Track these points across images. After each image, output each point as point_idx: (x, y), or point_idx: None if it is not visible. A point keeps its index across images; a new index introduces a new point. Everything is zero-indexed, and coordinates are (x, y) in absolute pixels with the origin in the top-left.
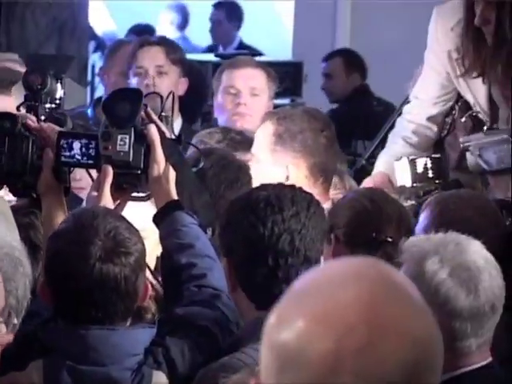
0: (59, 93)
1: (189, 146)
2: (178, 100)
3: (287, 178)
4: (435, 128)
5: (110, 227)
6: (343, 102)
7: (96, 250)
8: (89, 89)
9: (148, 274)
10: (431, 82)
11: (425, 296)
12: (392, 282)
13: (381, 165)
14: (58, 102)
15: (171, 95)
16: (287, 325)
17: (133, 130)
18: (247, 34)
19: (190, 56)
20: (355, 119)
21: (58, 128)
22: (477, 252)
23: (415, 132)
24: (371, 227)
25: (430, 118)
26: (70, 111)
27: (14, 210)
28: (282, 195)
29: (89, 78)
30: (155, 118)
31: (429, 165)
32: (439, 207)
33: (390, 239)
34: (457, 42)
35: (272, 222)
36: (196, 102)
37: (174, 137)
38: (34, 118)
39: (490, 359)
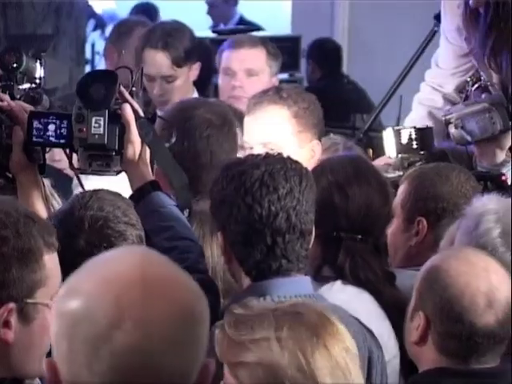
0: (38, 72)
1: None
2: None
3: (313, 155)
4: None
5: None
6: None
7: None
8: (88, 67)
9: None
10: (448, 51)
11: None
12: (159, 257)
13: None
14: (37, 81)
15: (140, 70)
16: (75, 293)
17: (107, 111)
18: (247, 8)
19: None
20: None
21: (27, 106)
22: None
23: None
24: None
25: (448, 89)
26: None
27: None
28: (275, 172)
29: (88, 56)
30: (129, 97)
31: (413, 135)
32: (415, 182)
33: None
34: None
35: (268, 201)
36: (203, 77)
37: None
38: (6, 97)
39: None
